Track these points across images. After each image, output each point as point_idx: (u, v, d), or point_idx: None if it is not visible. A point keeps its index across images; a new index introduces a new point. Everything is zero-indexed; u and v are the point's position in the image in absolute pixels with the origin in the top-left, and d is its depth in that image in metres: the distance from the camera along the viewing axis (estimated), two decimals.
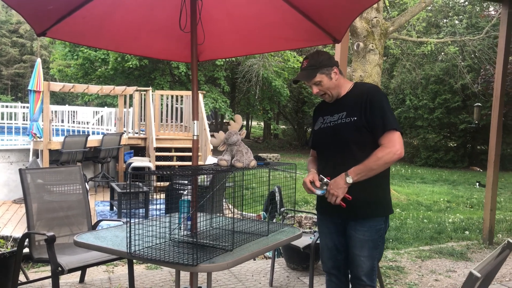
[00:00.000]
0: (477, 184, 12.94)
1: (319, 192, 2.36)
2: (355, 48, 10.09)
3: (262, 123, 31.45)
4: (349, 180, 2.26)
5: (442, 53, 19.33)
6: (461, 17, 20.25)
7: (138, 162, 9.12)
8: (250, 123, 32.49)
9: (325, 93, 2.43)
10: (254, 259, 4.57)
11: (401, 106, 20.21)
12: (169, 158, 9.99)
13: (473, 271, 1.41)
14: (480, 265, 1.54)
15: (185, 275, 3.74)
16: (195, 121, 2.74)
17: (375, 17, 10.07)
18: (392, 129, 2.26)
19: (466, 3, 20.62)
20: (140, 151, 10.51)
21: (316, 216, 2.88)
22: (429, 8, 17.77)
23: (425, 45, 15.62)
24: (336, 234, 2.49)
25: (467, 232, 6.22)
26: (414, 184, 12.83)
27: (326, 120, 2.46)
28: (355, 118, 2.32)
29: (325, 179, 2.35)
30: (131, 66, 17.02)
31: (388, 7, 14.83)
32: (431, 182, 13.69)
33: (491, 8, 18.24)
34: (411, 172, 16.07)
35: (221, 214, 3.27)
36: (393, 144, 2.24)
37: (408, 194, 10.59)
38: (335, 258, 2.53)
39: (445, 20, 20.70)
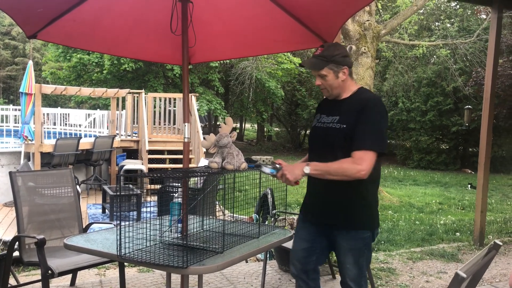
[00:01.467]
0: (469, 186, 13.03)
1: (267, 170, 2.32)
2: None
3: (255, 126, 31.47)
4: (306, 170, 2.22)
5: (434, 56, 19.48)
6: (452, 20, 20.42)
7: (130, 164, 9.09)
8: (243, 125, 32.49)
9: (325, 88, 2.38)
10: (246, 262, 4.57)
11: (393, 109, 20.32)
12: (162, 161, 9.97)
13: (458, 272, 1.43)
14: (466, 266, 1.55)
15: (176, 278, 3.73)
16: (186, 124, 2.74)
17: (367, 20, 10.13)
18: (368, 149, 2.18)
19: (458, 6, 20.80)
20: (132, 153, 10.48)
21: None
22: (421, 11, 17.90)
23: (417, 48, 15.73)
24: (317, 234, 2.45)
25: (458, 234, 6.26)
26: (406, 186, 12.90)
27: (321, 119, 2.43)
28: (344, 126, 2.27)
29: (276, 164, 2.33)
30: (127, 68, 16.95)
31: (381, 10, 14.93)
32: (424, 184, 13.76)
33: (482, 11, 18.41)
34: (404, 174, 16.15)
35: (213, 217, 3.27)
36: (361, 163, 2.16)
37: (400, 196, 10.64)
38: (305, 260, 2.48)
39: (436, 23, 20.86)
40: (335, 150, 2.28)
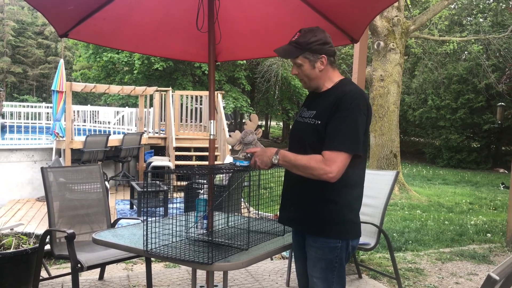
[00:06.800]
0: (502, 185, 12.64)
1: (237, 162, 2.24)
2: (376, 47, 9.98)
3: (281, 123, 31.42)
4: (275, 160, 2.04)
5: (466, 52, 18.96)
6: (485, 15, 19.81)
7: (158, 161, 9.22)
8: (269, 123, 32.47)
9: (302, 79, 2.14)
10: (272, 259, 4.57)
11: (423, 106, 19.89)
12: (189, 158, 10.08)
13: (491, 274, 1.38)
14: (500, 268, 1.50)
15: (202, 274, 3.76)
16: (212, 121, 2.75)
17: (396, 16, 9.95)
18: (340, 149, 1.92)
19: (491, 0, 20.17)
20: (160, 150, 10.63)
21: None
22: (452, 6, 17.45)
23: (447, 44, 15.34)
24: (300, 246, 2.23)
25: (489, 235, 6.08)
26: (435, 185, 12.61)
27: (302, 113, 2.20)
28: (319, 122, 2.02)
29: (249, 154, 2.23)
30: (158, 68, 17.13)
31: (410, 6, 14.61)
32: (453, 183, 13.43)
33: None
34: (433, 173, 15.80)
35: (239, 214, 3.28)
36: (330, 164, 1.91)
37: (429, 195, 10.42)
38: (305, 274, 2.23)
39: (469, 18, 20.29)
40: (306, 147, 2.06)
